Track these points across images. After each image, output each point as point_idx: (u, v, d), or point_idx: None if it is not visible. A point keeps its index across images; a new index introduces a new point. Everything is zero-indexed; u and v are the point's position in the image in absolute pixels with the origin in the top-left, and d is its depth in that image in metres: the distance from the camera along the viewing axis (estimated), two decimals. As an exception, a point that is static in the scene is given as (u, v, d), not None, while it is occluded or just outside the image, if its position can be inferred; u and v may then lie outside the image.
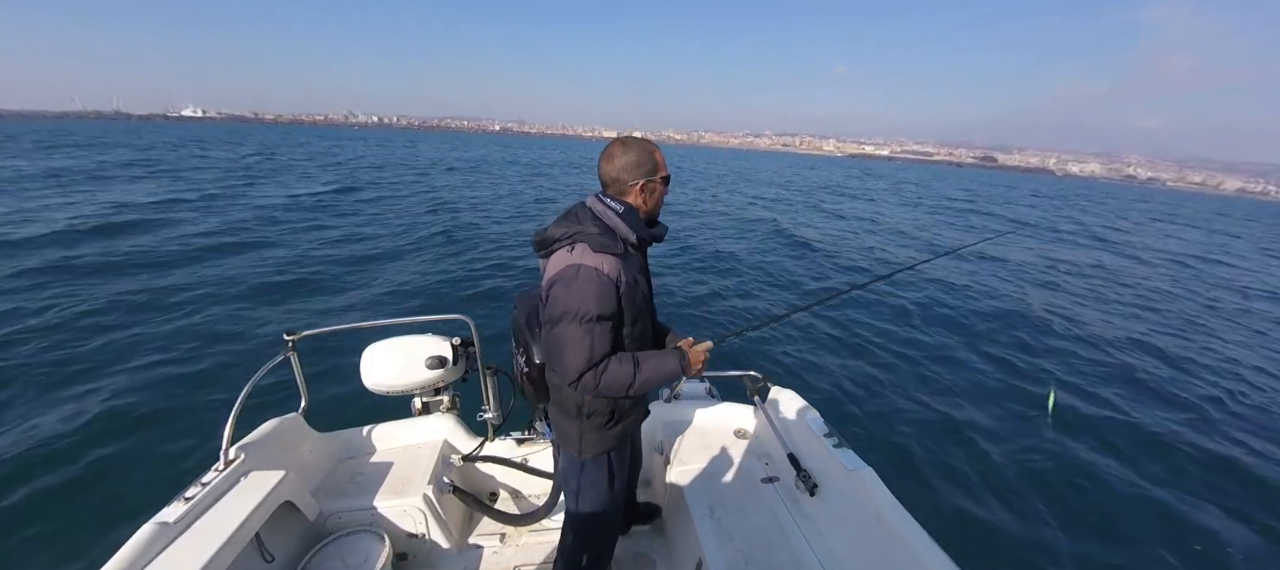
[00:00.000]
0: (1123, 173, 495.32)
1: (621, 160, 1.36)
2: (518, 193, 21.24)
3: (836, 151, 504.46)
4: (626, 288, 1.34)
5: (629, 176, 1.36)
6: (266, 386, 1.93)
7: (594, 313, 1.27)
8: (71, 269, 7.95)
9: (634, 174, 1.36)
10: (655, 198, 1.42)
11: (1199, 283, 12.72)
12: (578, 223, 1.35)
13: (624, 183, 1.37)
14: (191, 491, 1.65)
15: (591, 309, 1.27)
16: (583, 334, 1.28)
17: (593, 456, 1.56)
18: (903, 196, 32.50)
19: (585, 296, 1.27)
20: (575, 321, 1.28)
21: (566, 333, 1.29)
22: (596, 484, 1.61)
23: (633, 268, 1.38)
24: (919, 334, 6.87)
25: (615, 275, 1.31)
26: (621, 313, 1.35)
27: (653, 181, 1.39)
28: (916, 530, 1.51)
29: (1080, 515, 3.72)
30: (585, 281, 1.27)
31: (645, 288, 1.46)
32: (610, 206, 1.36)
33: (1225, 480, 4.23)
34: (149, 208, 13.20)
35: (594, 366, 1.30)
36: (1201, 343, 7.71)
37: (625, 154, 1.37)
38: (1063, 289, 10.25)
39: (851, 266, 11.13)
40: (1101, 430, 4.81)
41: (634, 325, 1.41)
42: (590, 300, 1.27)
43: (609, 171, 1.38)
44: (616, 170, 1.37)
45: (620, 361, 1.33)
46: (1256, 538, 3.63)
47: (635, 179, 1.37)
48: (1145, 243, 19.65)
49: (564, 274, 1.30)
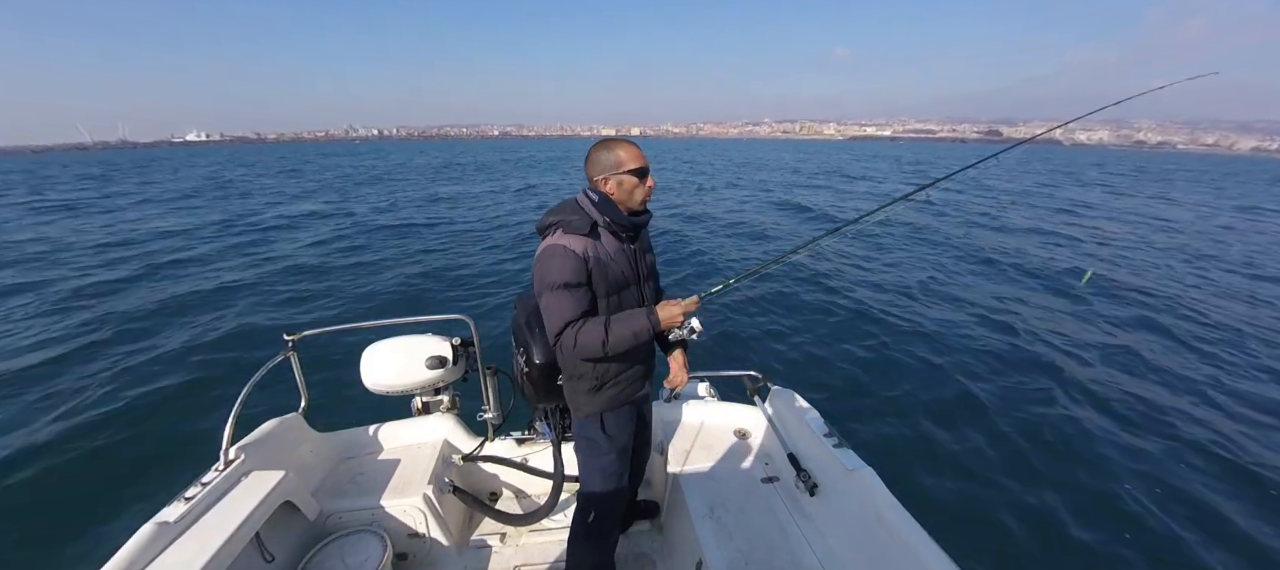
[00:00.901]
0: (1132, 138, 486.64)
1: (593, 161, 1.64)
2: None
3: (837, 135, 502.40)
4: (595, 263, 1.56)
5: (596, 173, 1.63)
6: (266, 386, 1.93)
7: (561, 281, 1.52)
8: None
9: (599, 170, 1.62)
10: (625, 188, 1.62)
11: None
12: (562, 212, 1.62)
13: (594, 179, 1.64)
14: (191, 491, 1.65)
15: (557, 279, 1.52)
16: (556, 301, 1.53)
17: (585, 416, 1.78)
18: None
19: (554, 269, 1.52)
20: (547, 290, 1.53)
21: (546, 301, 1.55)
22: (591, 443, 1.81)
23: (606, 247, 1.61)
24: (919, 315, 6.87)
25: (583, 252, 1.54)
26: (592, 284, 1.57)
27: (618, 175, 1.60)
28: (916, 530, 1.51)
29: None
30: (555, 257, 1.53)
31: (625, 267, 1.66)
32: (589, 197, 1.64)
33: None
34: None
35: (565, 328, 1.53)
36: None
37: (594, 155, 1.64)
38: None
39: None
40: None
41: (609, 297, 1.62)
42: (559, 271, 1.52)
43: (588, 171, 1.66)
44: (590, 169, 1.65)
45: (593, 322, 1.56)
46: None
47: (601, 174, 1.61)
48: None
49: (542, 254, 1.57)
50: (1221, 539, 3.39)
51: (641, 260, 1.75)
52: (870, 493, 1.71)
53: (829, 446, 1.96)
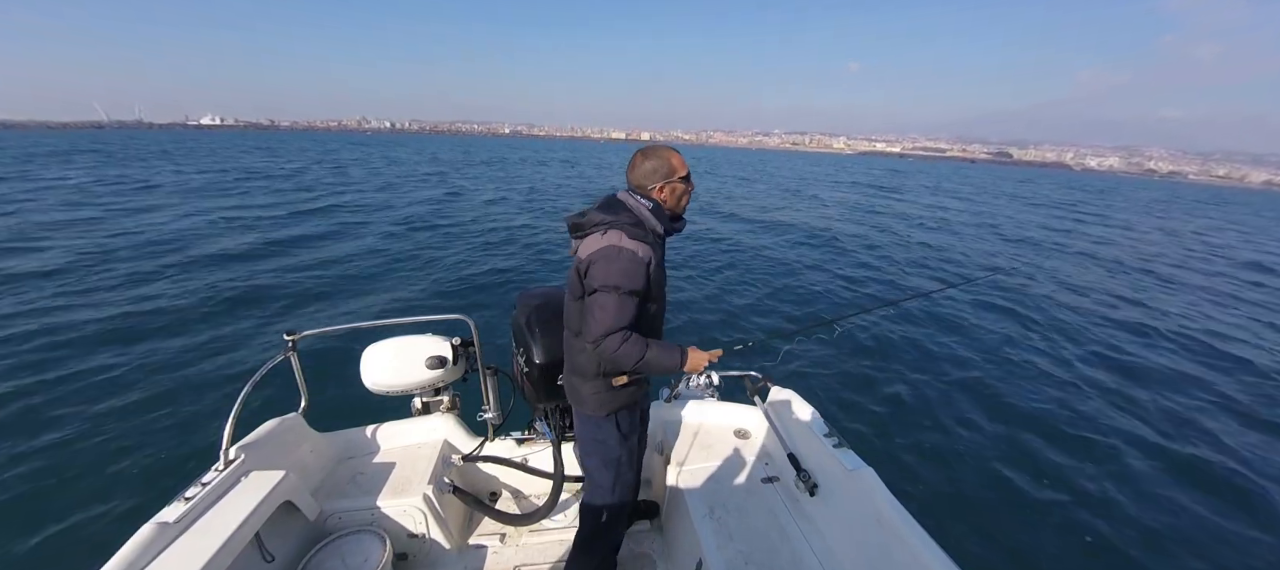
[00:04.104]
0: (1143, 167, 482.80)
1: (644, 168, 1.62)
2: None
3: (847, 149, 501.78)
4: (654, 271, 1.58)
5: (650, 181, 1.61)
6: (266, 386, 1.93)
7: (628, 287, 1.51)
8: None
9: (653, 178, 1.61)
10: (676, 194, 1.64)
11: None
12: (614, 212, 1.59)
13: (646, 186, 1.62)
14: (191, 491, 1.65)
15: (626, 283, 1.51)
16: (616, 303, 1.51)
17: (595, 415, 1.76)
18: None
19: (625, 272, 1.51)
20: (613, 292, 1.51)
21: (603, 300, 1.52)
22: (602, 443, 1.80)
23: (659, 255, 1.61)
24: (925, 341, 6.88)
25: (648, 258, 1.55)
26: (649, 291, 1.58)
27: (672, 182, 1.62)
28: (916, 530, 1.51)
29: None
30: (627, 261, 1.51)
31: (664, 277, 1.67)
32: (641, 202, 1.61)
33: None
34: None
35: (617, 332, 1.52)
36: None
37: (645, 162, 1.62)
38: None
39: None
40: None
41: (653, 305, 1.64)
42: (628, 276, 1.51)
43: (635, 178, 1.64)
44: (641, 176, 1.63)
45: (637, 339, 1.56)
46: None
47: (655, 182, 1.61)
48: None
49: (607, 252, 1.52)
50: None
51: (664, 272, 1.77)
52: (870, 493, 1.71)
53: (829, 446, 1.96)
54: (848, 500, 1.83)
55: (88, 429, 4.15)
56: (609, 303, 1.51)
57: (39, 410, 4.40)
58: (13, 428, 4.13)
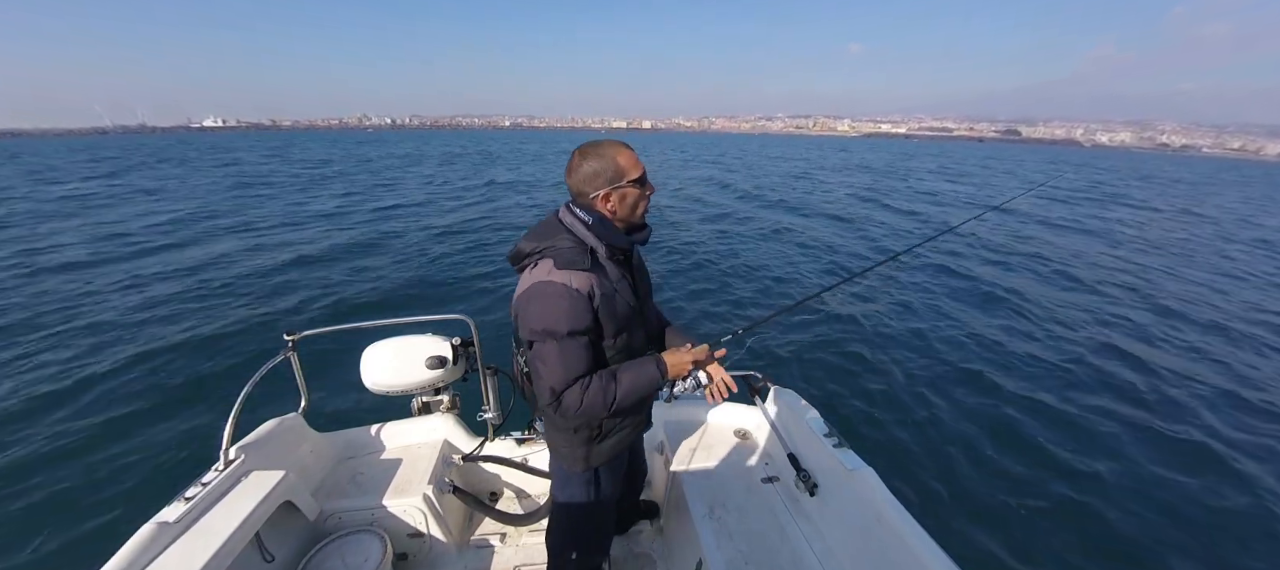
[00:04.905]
0: (1155, 141, 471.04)
1: (582, 171, 1.28)
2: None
3: (851, 131, 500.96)
4: (602, 300, 1.28)
5: (591, 187, 1.28)
6: (266, 386, 1.93)
7: (566, 329, 1.23)
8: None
9: (595, 184, 1.28)
10: (627, 203, 1.31)
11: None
12: (546, 237, 1.30)
13: (587, 194, 1.29)
14: (191, 491, 1.64)
15: (563, 325, 1.22)
16: (558, 352, 1.24)
17: (580, 471, 1.55)
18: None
19: (558, 313, 1.22)
20: (550, 340, 1.24)
21: (542, 351, 1.25)
22: (582, 497, 1.62)
23: (609, 278, 1.33)
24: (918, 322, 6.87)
25: (587, 289, 1.25)
26: (599, 326, 1.30)
27: (619, 187, 1.28)
28: (916, 530, 1.51)
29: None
30: (555, 298, 1.22)
31: (630, 296, 1.40)
32: (580, 218, 1.30)
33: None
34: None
35: (571, 385, 1.25)
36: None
37: (584, 164, 1.28)
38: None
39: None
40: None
41: (617, 337, 1.35)
42: (564, 317, 1.22)
43: (573, 184, 1.31)
44: (579, 182, 1.29)
45: (598, 380, 1.28)
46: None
47: (597, 188, 1.28)
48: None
49: (530, 291, 1.25)
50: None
51: (639, 281, 1.50)
52: (870, 493, 1.71)
53: (829, 446, 1.96)
54: (848, 500, 1.82)
55: (88, 429, 4.16)
56: (549, 353, 1.24)
57: (39, 410, 4.40)
58: (13, 428, 4.13)
